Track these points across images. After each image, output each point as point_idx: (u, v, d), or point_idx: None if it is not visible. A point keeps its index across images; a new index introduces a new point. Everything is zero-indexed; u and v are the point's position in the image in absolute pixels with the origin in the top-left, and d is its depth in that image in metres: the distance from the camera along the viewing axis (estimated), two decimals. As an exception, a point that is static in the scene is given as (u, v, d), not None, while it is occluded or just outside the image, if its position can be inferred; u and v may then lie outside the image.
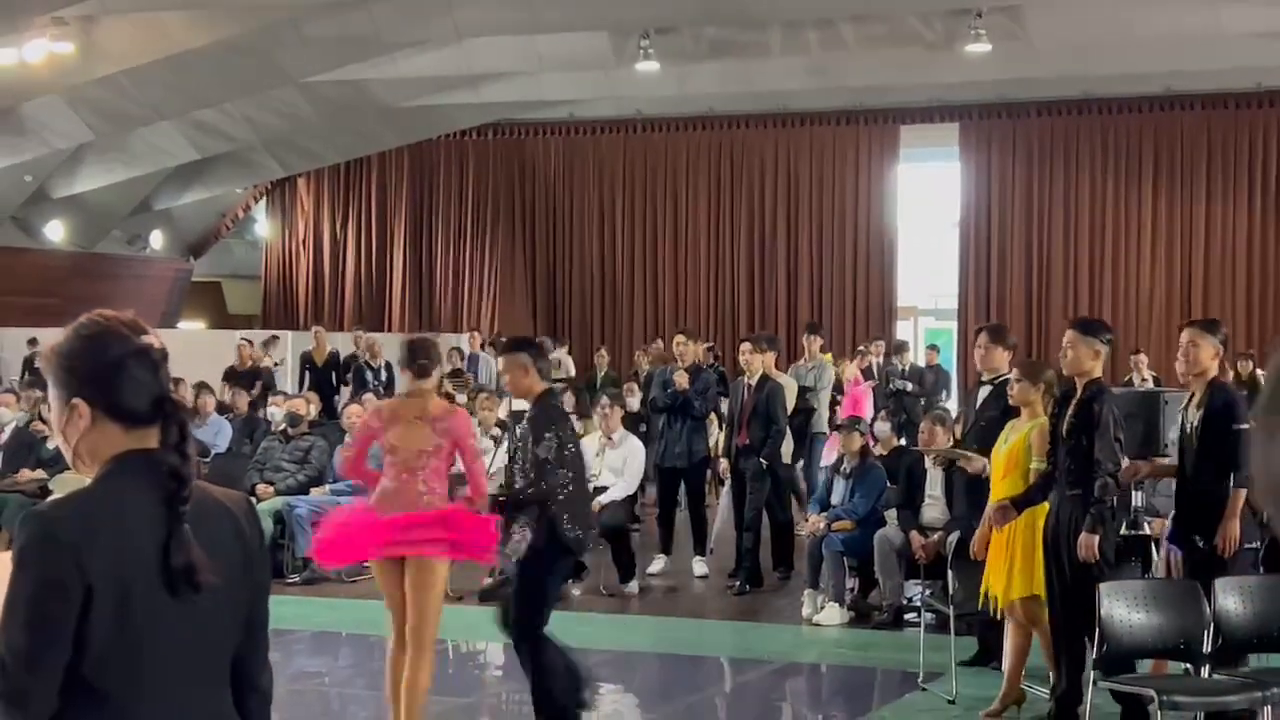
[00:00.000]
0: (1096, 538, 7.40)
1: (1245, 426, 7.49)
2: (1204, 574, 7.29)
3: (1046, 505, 7.99)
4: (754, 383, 12.54)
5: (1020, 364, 8.62)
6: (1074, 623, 7.61)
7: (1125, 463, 7.79)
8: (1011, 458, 8.13)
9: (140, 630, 2.67)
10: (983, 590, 8.33)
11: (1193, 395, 7.72)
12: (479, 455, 8.01)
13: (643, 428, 15.15)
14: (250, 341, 20.68)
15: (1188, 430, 7.61)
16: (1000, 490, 8.12)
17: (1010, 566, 8.05)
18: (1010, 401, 8.44)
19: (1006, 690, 8.24)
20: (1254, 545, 7.66)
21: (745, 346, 12.93)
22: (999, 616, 8.34)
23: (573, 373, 21.51)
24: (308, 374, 20.46)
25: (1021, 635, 8.16)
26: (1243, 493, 7.44)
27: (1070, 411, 7.62)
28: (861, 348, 20.73)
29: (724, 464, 13.08)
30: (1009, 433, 8.36)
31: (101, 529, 2.66)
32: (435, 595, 7.36)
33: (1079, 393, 7.63)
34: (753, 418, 12.44)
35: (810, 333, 15.66)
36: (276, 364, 20.90)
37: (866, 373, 19.77)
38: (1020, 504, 7.92)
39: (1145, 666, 7.82)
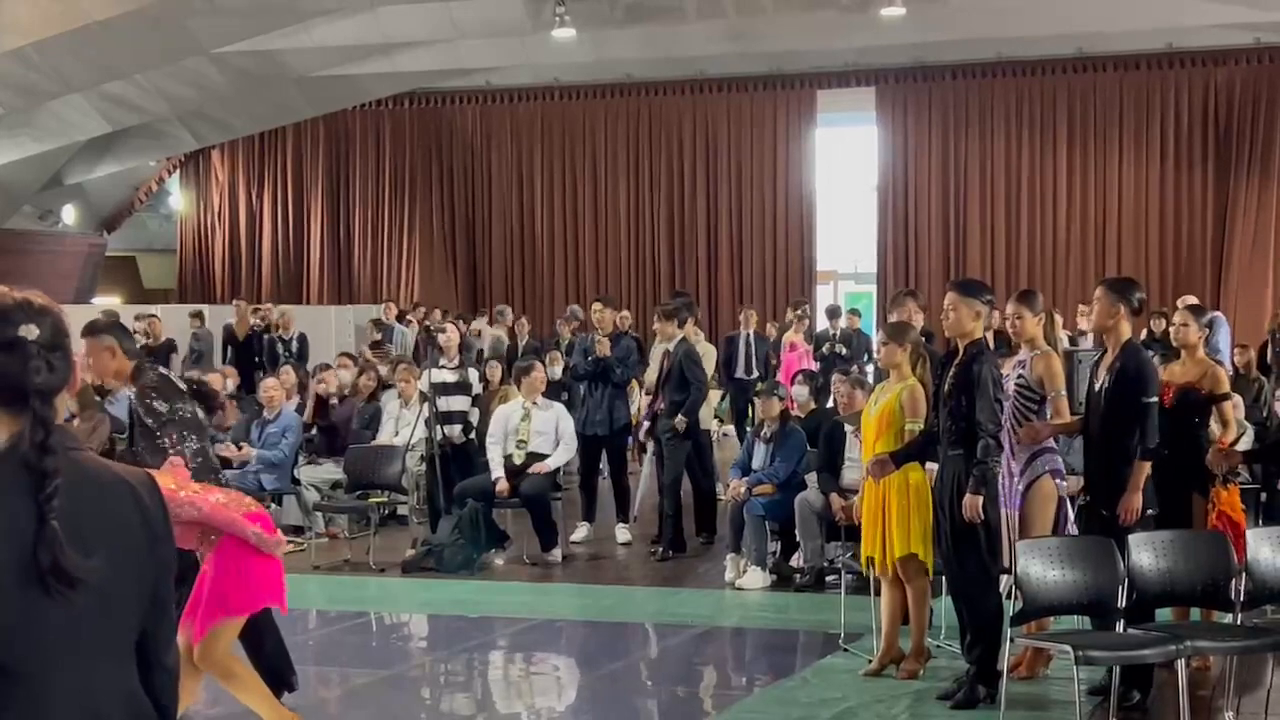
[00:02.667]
0: (980, 498, 7.48)
1: (1153, 400, 7.54)
2: (1107, 536, 7.39)
3: (917, 465, 8.08)
4: (671, 348, 12.58)
5: (886, 326, 8.68)
6: (969, 582, 7.70)
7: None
8: (883, 419, 8.20)
9: (40, 610, 2.64)
10: (864, 555, 8.42)
11: (1104, 354, 7.78)
12: None
13: (564, 396, 15.14)
14: (157, 317, 20.36)
15: (1096, 390, 7.68)
16: (873, 452, 8.19)
17: (885, 527, 8.14)
18: (877, 363, 8.52)
19: (884, 649, 8.34)
20: (1151, 512, 7.75)
21: (656, 314, 12.95)
22: (873, 577, 8.48)
23: (506, 343, 21.39)
24: (229, 348, 20.26)
25: (897, 594, 8.26)
26: (1146, 465, 7.52)
27: (951, 372, 7.69)
28: (800, 312, 20.84)
29: (645, 427, 13.05)
30: (879, 394, 8.45)
31: None
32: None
33: (960, 354, 7.70)
34: (667, 382, 12.48)
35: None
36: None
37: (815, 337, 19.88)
38: (898, 458, 8.00)
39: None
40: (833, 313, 20.57)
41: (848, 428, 10.36)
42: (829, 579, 10.66)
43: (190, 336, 20.26)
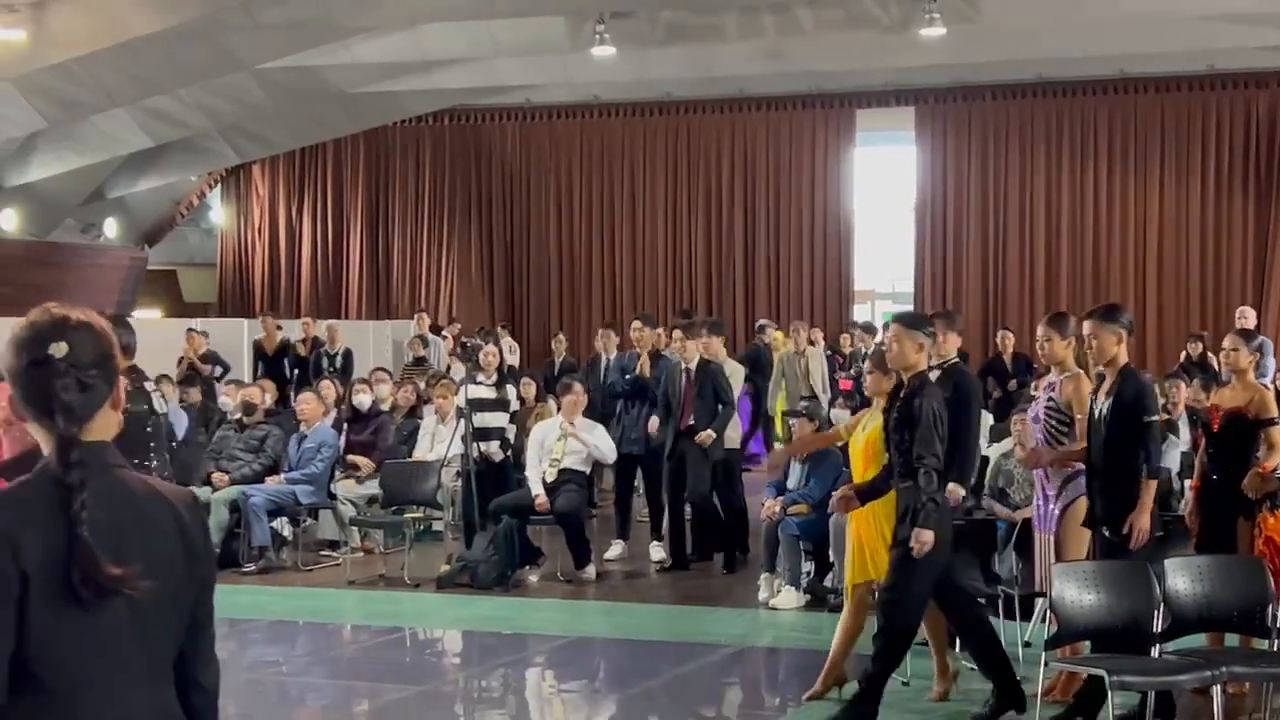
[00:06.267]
0: (930, 533, 7.37)
1: (1154, 418, 7.52)
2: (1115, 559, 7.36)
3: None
4: (694, 366, 12.55)
5: (873, 355, 8.65)
6: (947, 609, 7.71)
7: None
8: (870, 447, 8.16)
9: (79, 624, 2.67)
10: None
11: (1102, 380, 7.74)
12: None
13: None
14: (197, 331, 20.42)
15: (1097, 417, 7.65)
16: (863, 479, 8.16)
17: (855, 552, 8.14)
18: (865, 392, 8.50)
19: (827, 671, 8.30)
20: (1158, 534, 7.70)
21: (676, 334, 12.89)
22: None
23: (513, 360, 21.37)
24: (260, 364, 20.35)
25: (854, 619, 8.24)
26: (1154, 484, 7.49)
27: (896, 405, 7.66)
28: (850, 333, 20.80)
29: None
30: (867, 421, 8.42)
31: (35, 520, 2.66)
32: None
33: (905, 386, 7.68)
34: (695, 399, 12.46)
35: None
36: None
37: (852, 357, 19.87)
38: (864, 494, 7.96)
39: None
40: (867, 329, 20.50)
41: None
42: (863, 600, 10.61)
43: None
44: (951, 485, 9.11)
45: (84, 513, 2.68)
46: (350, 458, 13.81)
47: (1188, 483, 9.69)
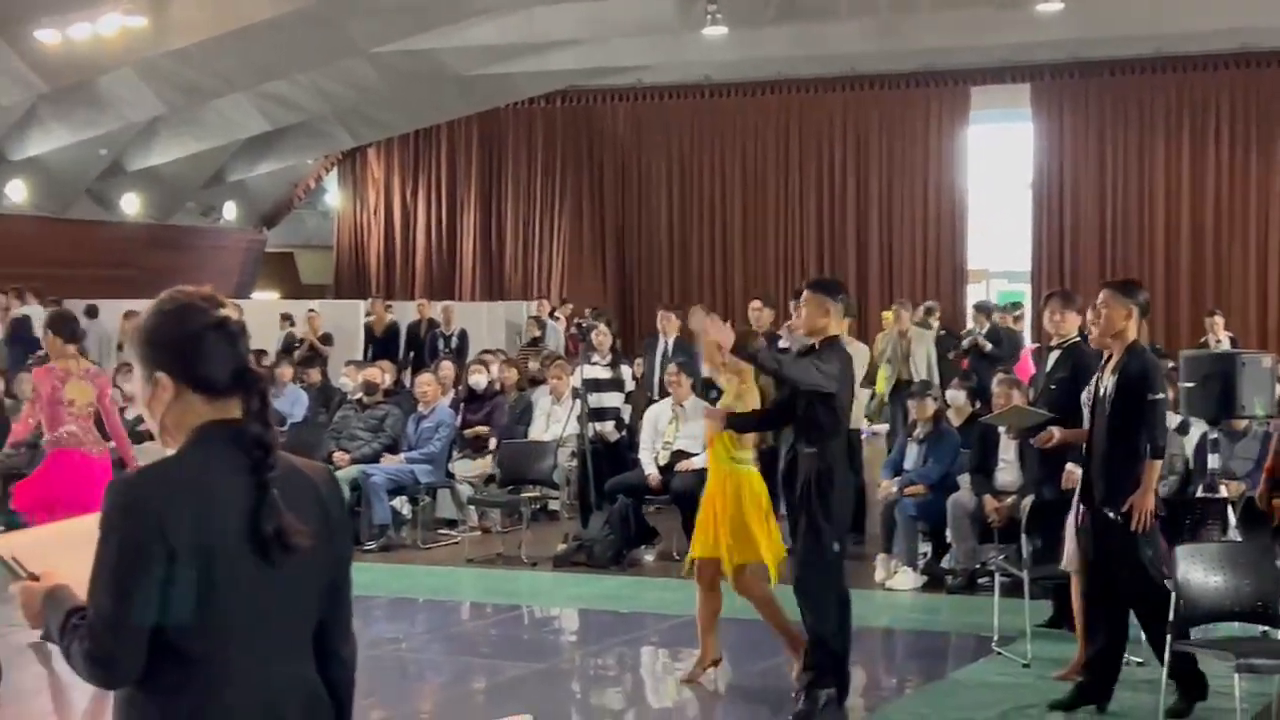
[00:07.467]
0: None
1: (1160, 397, 7.39)
2: (1113, 541, 7.23)
3: (754, 473, 8.15)
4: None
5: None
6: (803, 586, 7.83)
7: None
8: None
9: (224, 597, 2.72)
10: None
11: (1109, 358, 7.61)
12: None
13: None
14: (316, 311, 20.74)
15: (1101, 394, 7.52)
16: None
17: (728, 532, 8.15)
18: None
19: (788, 644, 8.35)
20: (1161, 514, 7.54)
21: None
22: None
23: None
24: (370, 346, 20.60)
25: (714, 600, 8.34)
26: (1157, 465, 7.36)
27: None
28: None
29: None
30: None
31: (184, 496, 2.72)
32: None
33: (816, 351, 7.64)
34: None
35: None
36: None
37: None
38: (736, 422, 7.97)
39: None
40: (980, 308, 20.23)
41: (1001, 430, 10.27)
42: (981, 581, 10.56)
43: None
44: (1070, 465, 9.05)
45: (275, 470, 2.77)
46: (469, 431, 13.99)
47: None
